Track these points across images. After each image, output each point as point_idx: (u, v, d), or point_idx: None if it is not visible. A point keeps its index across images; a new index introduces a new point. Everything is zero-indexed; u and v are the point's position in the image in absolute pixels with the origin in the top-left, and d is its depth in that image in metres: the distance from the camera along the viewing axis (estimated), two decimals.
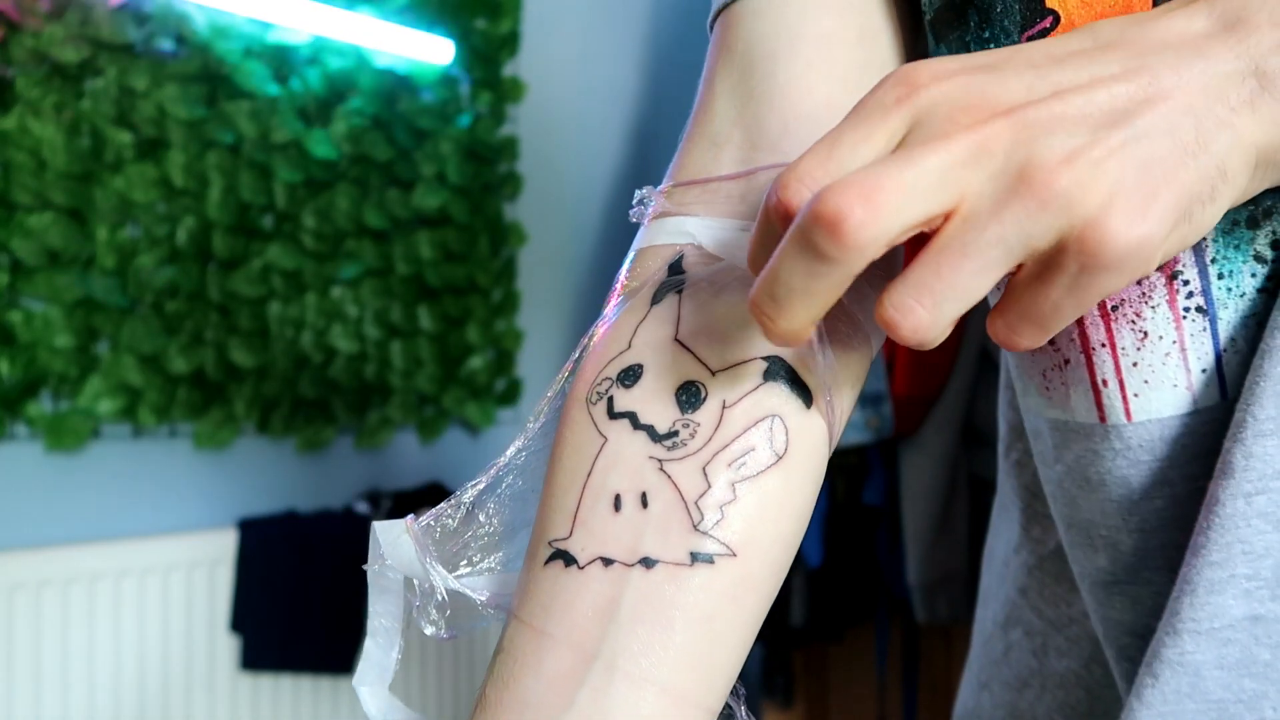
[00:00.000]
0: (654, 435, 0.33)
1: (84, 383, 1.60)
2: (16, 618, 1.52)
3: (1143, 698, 0.34)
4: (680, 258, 0.36)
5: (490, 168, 2.09)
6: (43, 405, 1.58)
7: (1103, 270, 0.25)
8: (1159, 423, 0.34)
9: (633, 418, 0.33)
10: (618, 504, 0.32)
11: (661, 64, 2.37)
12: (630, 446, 0.33)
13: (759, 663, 2.04)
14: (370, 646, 0.36)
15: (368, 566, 0.36)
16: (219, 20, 1.71)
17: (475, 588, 0.35)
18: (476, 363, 2.07)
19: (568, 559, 0.32)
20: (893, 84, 0.28)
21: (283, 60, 1.80)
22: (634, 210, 0.39)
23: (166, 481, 1.72)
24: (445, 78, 2.01)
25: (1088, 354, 0.34)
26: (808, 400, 0.33)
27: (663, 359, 0.34)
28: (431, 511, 0.36)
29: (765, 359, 0.33)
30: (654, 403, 0.33)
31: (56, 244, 1.56)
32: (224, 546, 1.72)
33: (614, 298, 0.38)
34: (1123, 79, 0.26)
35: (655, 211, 0.39)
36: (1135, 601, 0.37)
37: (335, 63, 1.86)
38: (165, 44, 1.67)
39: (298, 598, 1.74)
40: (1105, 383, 0.34)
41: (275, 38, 1.79)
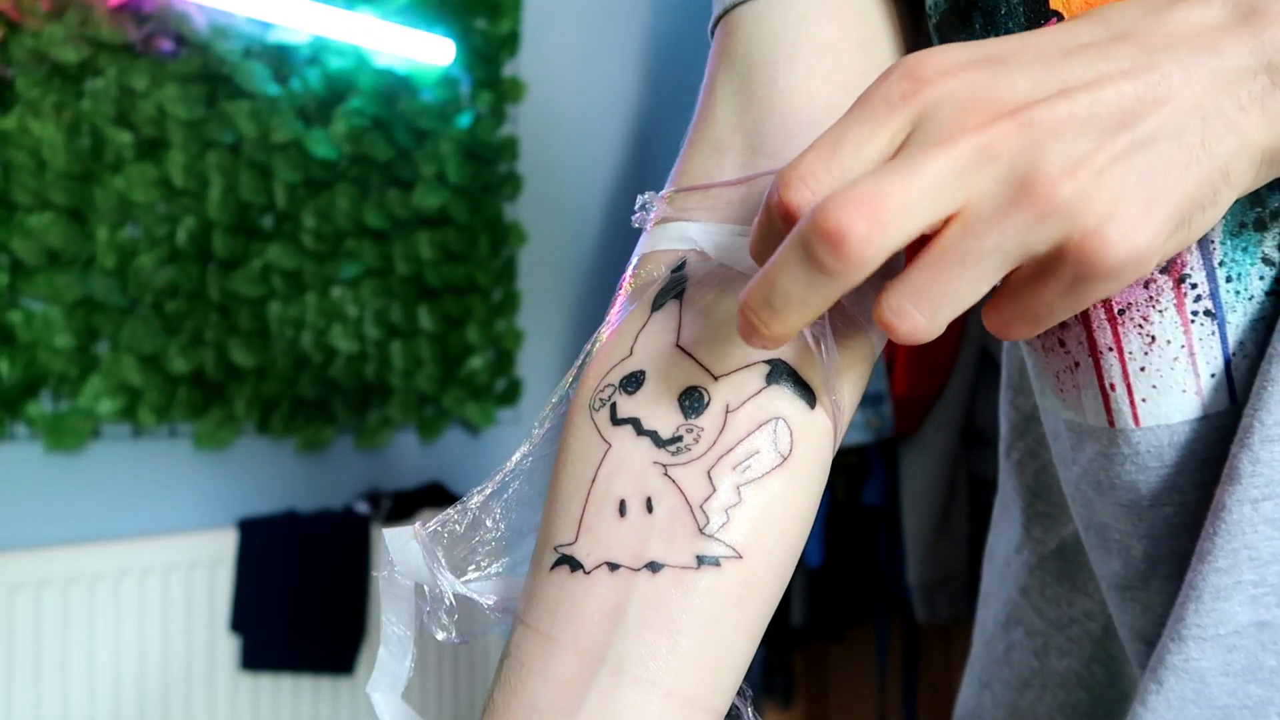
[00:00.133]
0: (658, 441, 0.33)
1: (84, 383, 1.60)
2: (16, 618, 1.51)
3: (1148, 703, 0.33)
4: (682, 263, 0.36)
5: (490, 168, 2.08)
6: (43, 405, 1.58)
7: (1099, 278, 0.25)
8: (1168, 429, 0.34)
9: (636, 424, 0.33)
10: (623, 509, 0.32)
11: (662, 64, 2.37)
12: (634, 452, 0.33)
13: (760, 663, 2.04)
14: (384, 654, 0.36)
15: (377, 573, 0.36)
16: (219, 20, 1.71)
17: (482, 592, 0.35)
18: (476, 363, 2.07)
19: (573, 564, 0.32)
20: (898, 77, 0.27)
21: (283, 60, 1.80)
22: (636, 215, 0.39)
23: (166, 481, 1.72)
24: (445, 78, 2.01)
25: (1095, 358, 0.34)
26: (811, 401, 0.33)
27: (664, 365, 0.34)
28: (439, 517, 0.36)
29: (767, 362, 0.33)
30: (657, 408, 0.33)
31: (56, 244, 1.55)
32: (224, 546, 1.72)
33: (617, 303, 0.38)
34: (1131, 76, 0.26)
35: (657, 217, 0.38)
36: (1147, 608, 0.37)
37: (335, 63, 1.86)
38: (165, 44, 1.67)
39: (298, 598, 1.74)
40: (1113, 387, 0.34)
41: (275, 38, 1.79)
